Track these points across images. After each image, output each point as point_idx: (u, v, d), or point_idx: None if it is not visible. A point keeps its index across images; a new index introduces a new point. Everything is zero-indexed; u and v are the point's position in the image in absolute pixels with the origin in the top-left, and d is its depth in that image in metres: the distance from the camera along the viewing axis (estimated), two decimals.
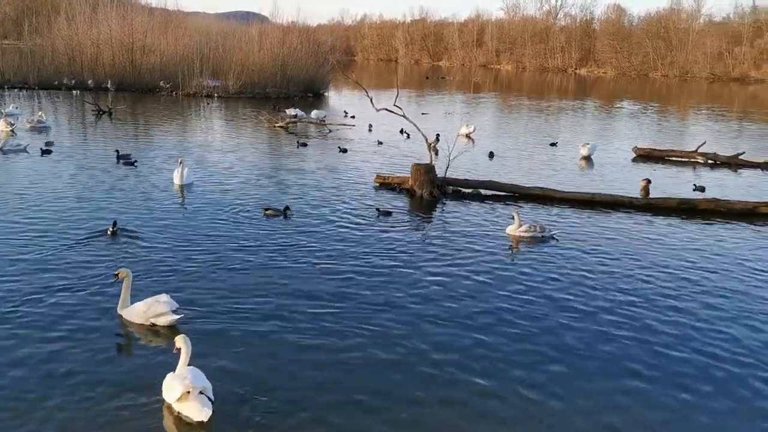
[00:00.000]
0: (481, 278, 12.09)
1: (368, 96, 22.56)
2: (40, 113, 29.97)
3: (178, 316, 9.56)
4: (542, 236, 14.72)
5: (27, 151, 22.52)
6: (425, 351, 9.12)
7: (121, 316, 9.73)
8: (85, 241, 13.28)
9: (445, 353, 9.06)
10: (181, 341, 7.77)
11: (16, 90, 44.99)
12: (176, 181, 18.30)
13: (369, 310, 10.43)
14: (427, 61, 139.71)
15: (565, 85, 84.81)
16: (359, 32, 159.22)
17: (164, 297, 9.68)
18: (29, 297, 10.27)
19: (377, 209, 16.45)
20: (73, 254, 12.36)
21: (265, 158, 24.40)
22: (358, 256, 13.00)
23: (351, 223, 15.48)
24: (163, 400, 7.50)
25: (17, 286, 10.72)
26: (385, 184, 19.73)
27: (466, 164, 22.63)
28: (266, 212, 15.71)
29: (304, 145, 27.11)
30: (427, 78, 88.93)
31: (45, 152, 22.25)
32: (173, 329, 9.45)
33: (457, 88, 73.30)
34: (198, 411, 7.04)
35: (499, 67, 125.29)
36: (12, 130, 26.40)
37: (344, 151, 25.83)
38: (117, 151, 22.30)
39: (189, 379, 7.22)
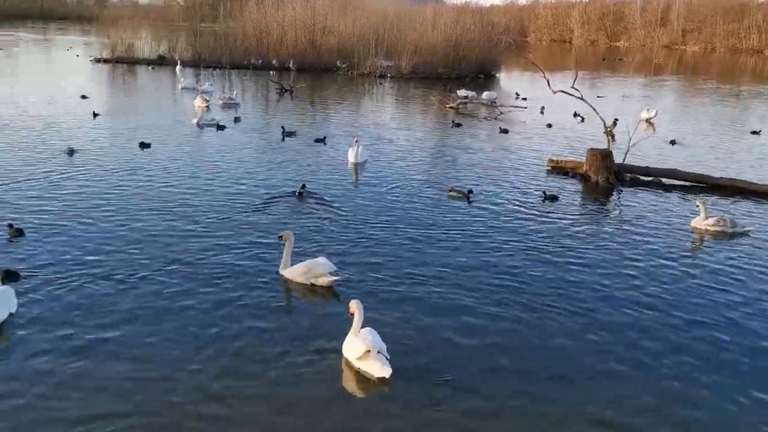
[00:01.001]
0: (658, 272, 11.41)
1: (545, 77, 21.95)
2: (235, 92, 32.35)
3: (337, 278, 10.21)
4: (732, 232, 13.57)
5: (219, 126, 24.45)
6: (599, 335, 8.83)
7: (282, 275, 10.49)
8: (269, 202, 14.60)
9: (620, 341, 8.71)
10: (354, 306, 8.26)
11: (210, 69, 48.91)
12: (351, 159, 18.98)
13: (535, 291, 10.29)
14: (603, 41, 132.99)
15: (761, 68, 77.00)
16: (533, 12, 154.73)
17: (322, 259, 10.33)
18: (211, 252, 11.36)
19: (544, 192, 16.09)
20: (251, 216, 13.48)
21: (435, 139, 24.62)
22: (528, 238, 12.81)
23: (521, 205, 15.23)
24: (339, 357, 8.04)
25: (201, 242, 11.85)
26: (558, 168, 19.16)
27: (645, 151, 21.38)
28: (450, 193, 15.80)
29: (459, 125, 27.11)
30: (604, 59, 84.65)
31: (219, 128, 24.00)
32: (331, 290, 10.09)
33: (636, 70, 69.11)
34: (379, 369, 7.54)
35: (684, 48, 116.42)
36: (207, 106, 28.82)
37: (505, 131, 25.64)
38: (282, 127, 23.51)
39: (369, 340, 7.74)
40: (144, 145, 19.90)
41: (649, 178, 18.24)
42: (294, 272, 10.36)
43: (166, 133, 22.79)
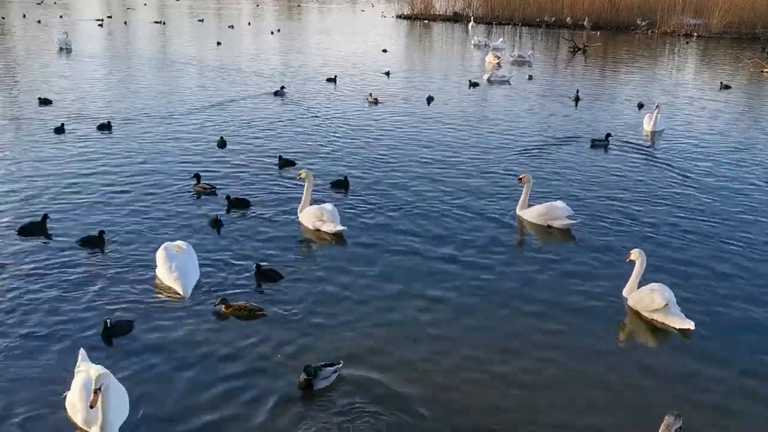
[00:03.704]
0: None
1: None
2: (530, 52, 31.91)
3: (574, 221, 10.30)
4: None
5: (510, 83, 24.60)
6: None
7: (519, 216, 10.78)
8: (549, 150, 15.26)
9: None
10: (637, 254, 8.15)
11: (502, 26, 49.12)
12: (647, 126, 17.68)
13: None
14: None
15: None
16: None
17: (560, 203, 10.56)
18: (479, 189, 12.10)
19: None
20: (527, 162, 13.53)
21: (742, 107, 21.94)
22: None
23: None
24: (620, 307, 8.00)
25: (471, 182, 12.65)
26: None
27: None
28: None
29: (727, 87, 24.44)
30: None
31: (472, 85, 23.78)
32: (567, 233, 10.26)
33: None
34: (681, 321, 7.47)
35: None
36: (498, 63, 29.08)
37: None
38: (578, 91, 22.45)
39: (667, 294, 7.62)
40: (430, 99, 20.74)
41: None
42: (531, 213, 10.62)
43: (455, 87, 23.59)
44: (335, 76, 23.78)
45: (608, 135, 16.09)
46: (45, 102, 17.78)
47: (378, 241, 9.67)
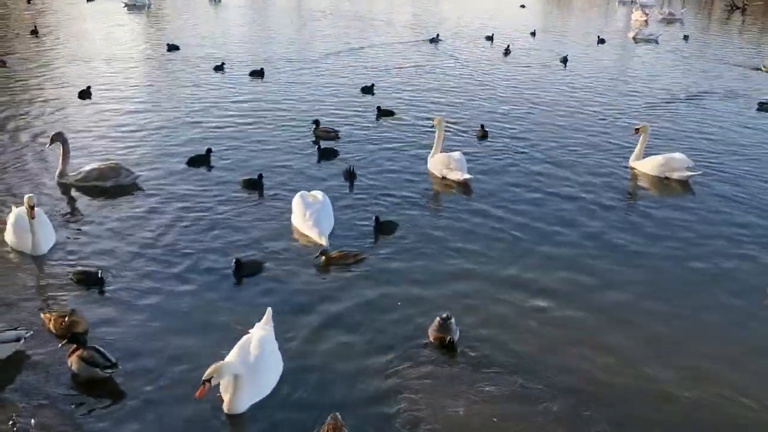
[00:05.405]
0: None
1: None
2: (682, 10, 29.96)
3: (694, 173, 9.91)
4: None
5: (657, 42, 23.27)
6: None
7: (632, 167, 10.47)
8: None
9: None
10: None
11: None
12: None
13: None
14: None
15: None
16: None
17: (680, 155, 10.20)
18: (578, 151, 11.44)
19: None
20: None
21: None
22: None
23: None
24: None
25: (588, 135, 12.33)
26: None
27: None
28: None
29: None
30: None
31: (600, 41, 22.71)
32: (686, 184, 9.92)
33: None
34: None
35: None
36: (645, 21, 27.55)
37: None
38: None
39: None
40: (564, 60, 19.66)
41: None
42: (648, 164, 10.27)
43: (594, 46, 22.60)
44: (492, 35, 23.31)
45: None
46: (173, 48, 18.54)
47: (500, 190, 9.55)
